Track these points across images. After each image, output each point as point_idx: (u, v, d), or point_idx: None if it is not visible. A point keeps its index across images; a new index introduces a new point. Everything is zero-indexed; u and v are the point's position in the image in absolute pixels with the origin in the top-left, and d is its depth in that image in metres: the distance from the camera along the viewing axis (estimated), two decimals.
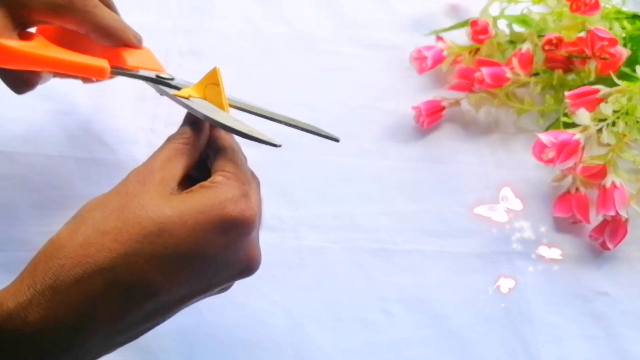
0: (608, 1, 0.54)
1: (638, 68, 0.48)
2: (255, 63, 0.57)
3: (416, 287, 0.46)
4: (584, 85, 0.50)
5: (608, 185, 0.47)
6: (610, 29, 0.51)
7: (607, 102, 0.47)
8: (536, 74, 0.54)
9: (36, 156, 0.48)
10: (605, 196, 0.46)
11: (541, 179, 0.52)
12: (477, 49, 0.55)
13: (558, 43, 0.51)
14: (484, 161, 0.53)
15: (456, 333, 0.45)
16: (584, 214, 0.48)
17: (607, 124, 0.47)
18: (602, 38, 0.49)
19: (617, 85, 0.48)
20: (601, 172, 0.48)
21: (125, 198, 0.30)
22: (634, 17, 0.54)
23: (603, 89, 0.48)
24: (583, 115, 0.47)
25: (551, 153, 0.46)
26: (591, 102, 0.48)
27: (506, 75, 0.51)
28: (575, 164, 0.47)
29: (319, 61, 0.57)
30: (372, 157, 0.52)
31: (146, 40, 0.42)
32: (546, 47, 0.52)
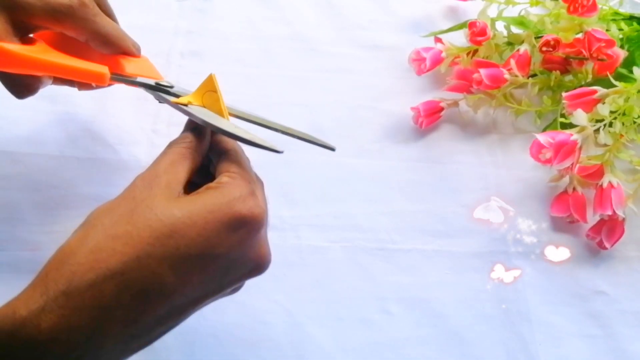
0: (605, 3, 0.54)
1: (635, 69, 0.48)
2: (255, 64, 0.57)
3: (415, 287, 0.47)
4: (581, 86, 0.51)
5: (605, 185, 0.47)
6: (607, 31, 0.51)
7: (604, 103, 0.47)
8: (534, 75, 0.54)
9: (38, 156, 0.49)
10: (602, 196, 0.47)
11: (539, 179, 0.52)
12: (475, 51, 0.55)
13: (555, 44, 0.52)
14: (482, 161, 0.53)
15: (455, 332, 0.45)
16: (582, 214, 0.49)
17: (604, 125, 0.47)
18: (600, 39, 0.49)
19: (614, 86, 0.48)
20: (598, 172, 0.48)
21: (133, 203, 0.30)
22: (631, 19, 0.54)
23: (600, 90, 0.48)
24: (580, 116, 0.47)
25: (549, 153, 0.46)
26: (588, 103, 0.48)
27: (504, 76, 0.52)
28: (572, 164, 0.48)
29: (319, 62, 0.57)
30: (372, 158, 0.53)
31: (147, 41, 0.43)
32: (544, 49, 0.52)
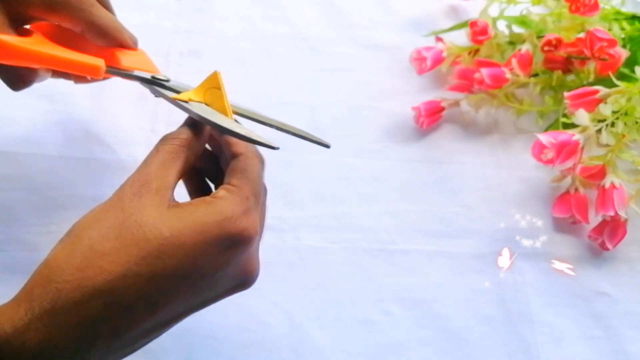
0: (607, 2, 0.54)
1: (637, 69, 0.48)
2: (255, 63, 0.57)
3: (416, 288, 0.46)
4: (583, 86, 0.50)
5: (607, 185, 0.47)
6: (609, 30, 0.51)
7: (607, 103, 0.47)
8: (535, 75, 0.54)
9: (36, 156, 0.48)
10: (604, 196, 0.46)
11: (540, 180, 0.52)
12: (477, 50, 0.55)
13: (557, 44, 0.51)
14: (484, 161, 0.53)
15: (456, 333, 0.45)
16: (584, 215, 0.48)
17: (607, 125, 0.47)
18: (601, 39, 0.49)
19: (616, 86, 0.48)
20: (600, 173, 0.48)
21: (122, 215, 0.29)
22: (633, 18, 0.54)
23: (602, 90, 0.48)
24: (582, 115, 0.47)
25: (550, 153, 0.46)
26: (590, 103, 0.48)
27: (505, 76, 0.51)
28: (574, 165, 0.47)
29: (319, 61, 0.57)
30: (372, 158, 0.52)
31: (146, 40, 0.42)
32: (545, 48, 0.52)
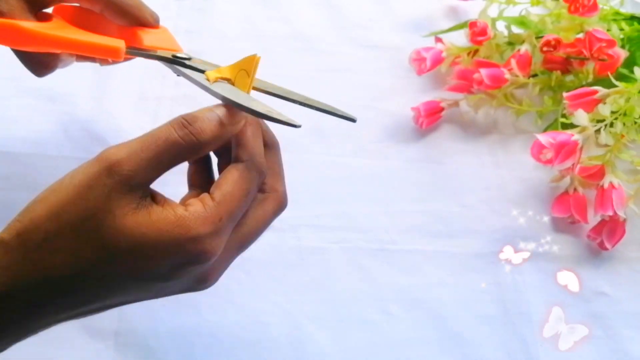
0: (606, 3, 0.54)
1: (636, 69, 0.48)
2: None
3: (416, 287, 0.47)
4: (582, 86, 0.50)
5: (606, 185, 0.47)
6: (608, 31, 0.51)
7: (605, 103, 0.47)
8: (534, 75, 0.54)
9: (37, 156, 0.48)
10: (603, 196, 0.47)
11: (539, 180, 0.52)
12: (476, 50, 0.55)
13: (556, 44, 0.51)
14: (483, 162, 0.53)
15: (456, 333, 0.45)
16: (582, 214, 0.48)
17: (605, 125, 0.47)
18: (600, 39, 0.49)
19: (615, 86, 0.47)
20: (599, 173, 0.48)
21: (84, 213, 0.28)
22: (632, 19, 0.54)
23: (601, 90, 0.48)
24: (581, 116, 0.47)
25: (549, 154, 0.46)
26: (589, 103, 0.48)
27: (505, 76, 0.51)
28: (573, 165, 0.47)
29: (319, 62, 0.57)
30: (372, 158, 0.52)
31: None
32: (544, 49, 0.52)
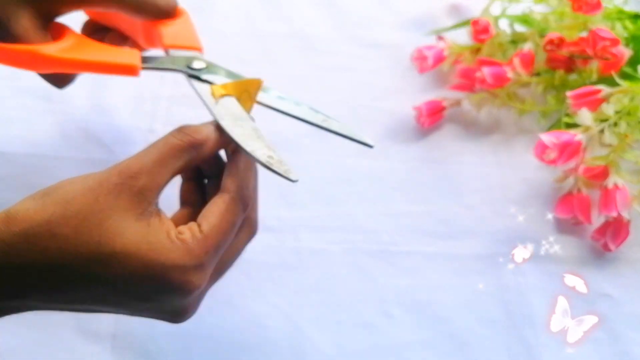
0: (610, 1, 0.54)
1: None
2: (255, 63, 0.56)
3: (417, 289, 0.46)
4: (586, 85, 0.50)
5: (610, 186, 0.46)
6: (612, 29, 0.51)
7: (609, 103, 0.47)
8: (538, 74, 0.53)
9: (34, 157, 0.48)
10: (607, 197, 0.46)
11: (543, 180, 0.51)
12: (479, 49, 0.55)
13: (560, 43, 0.51)
14: (485, 162, 0.52)
15: (458, 336, 0.45)
16: (586, 215, 0.48)
17: (609, 125, 0.47)
18: (604, 38, 0.49)
19: (619, 85, 0.47)
20: (603, 173, 0.48)
21: (92, 207, 0.30)
22: (636, 17, 0.54)
23: (605, 89, 0.47)
24: (585, 115, 0.46)
25: (553, 154, 0.46)
26: (593, 103, 0.47)
27: (507, 75, 0.51)
28: (577, 165, 0.47)
29: (319, 61, 0.57)
30: (373, 158, 0.52)
31: None
32: (548, 47, 0.51)
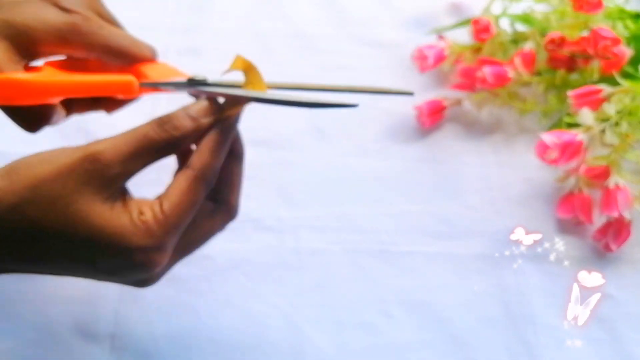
0: (611, 0, 0.53)
1: None
2: (255, 62, 0.56)
3: (418, 289, 0.46)
4: (587, 84, 0.50)
5: (611, 186, 0.46)
6: (613, 28, 0.51)
7: (610, 102, 0.47)
8: (539, 74, 0.53)
9: None
10: (608, 197, 0.46)
11: (544, 180, 0.51)
12: (479, 48, 0.55)
13: (561, 42, 0.51)
14: (486, 161, 0.52)
15: (458, 336, 0.44)
16: (587, 215, 0.48)
17: (611, 124, 0.47)
18: (605, 37, 0.48)
19: (620, 85, 0.47)
20: (605, 173, 0.48)
21: (60, 191, 0.30)
22: (637, 17, 0.54)
23: (606, 89, 0.47)
24: (586, 115, 0.46)
25: (554, 153, 0.46)
26: (594, 102, 0.47)
27: (508, 74, 0.51)
28: (578, 165, 0.47)
29: (319, 60, 0.57)
30: (373, 157, 0.52)
31: (143, 39, 0.41)
32: (549, 47, 0.51)
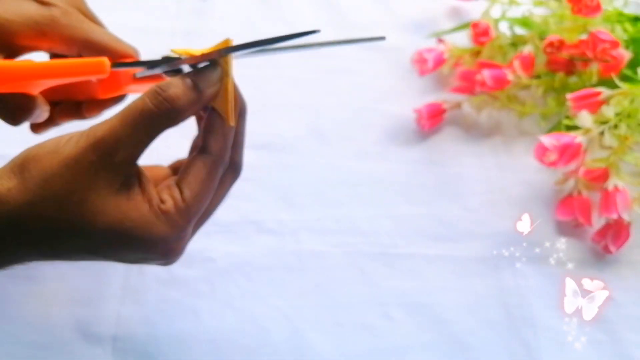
0: (610, 3, 0.54)
1: None
2: (254, 65, 0.56)
3: (418, 292, 0.46)
4: (586, 87, 0.50)
5: (610, 188, 0.46)
6: (612, 31, 0.51)
7: (609, 105, 0.47)
8: (538, 77, 0.53)
9: None
10: (607, 199, 0.46)
11: (543, 182, 0.51)
12: (479, 52, 0.55)
13: (560, 45, 0.51)
14: (486, 164, 0.52)
15: (458, 338, 0.44)
16: (587, 217, 0.48)
17: (609, 127, 0.47)
18: (604, 40, 0.49)
19: (619, 87, 0.47)
20: (603, 175, 0.48)
21: (70, 186, 0.29)
22: (636, 20, 0.54)
23: (605, 92, 0.47)
24: (585, 117, 0.46)
25: (553, 156, 0.46)
26: (593, 105, 0.47)
27: (508, 77, 0.51)
28: (577, 167, 0.47)
29: (320, 63, 0.57)
30: (373, 160, 0.52)
31: (144, 43, 0.42)
32: (548, 50, 0.51)
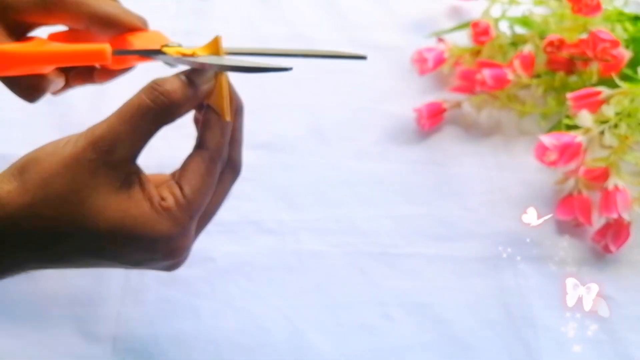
0: (610, 3, 0.54)
1: None
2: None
3: (418, 292, 0.46)
4: (586, 87, 0.50)
5: (611, 187, 0.46)
6: (612, 31, 0.51)
7: (609, 104, 0.47)
8: (538, 76, 0.53)
9: None
10: (607, 199, 0.46)
11: (543, 182, 0.51)
12: (479, 51, 0.55)
13: (560, 45, 0.51)
14: (486, 164, 0.52)
15: (459, 338, 0.44)
16: (587, 217, 0.48)
17: (609, 126, 0.47)
18: (604, 40, 0.49)
19: (619, 87, 0.47)
20: (604, 175, 0.48)
21: (71, 186, 0.29)
22: (636, 19, 0.54)
23: (605, 91, 0.47)
24: (585, 117, 0.46)
25: (553, 155, 0.46)
26: (593, 104, 0.47)
27: (508, 77, 0.51)
28: (577, 167, 0.47)
29: (319, 63, 0.57)
30: (373, 160, 0.52)
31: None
32: (548, 49, 0.51)
